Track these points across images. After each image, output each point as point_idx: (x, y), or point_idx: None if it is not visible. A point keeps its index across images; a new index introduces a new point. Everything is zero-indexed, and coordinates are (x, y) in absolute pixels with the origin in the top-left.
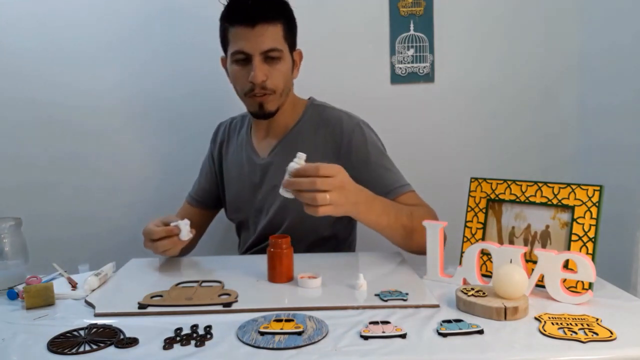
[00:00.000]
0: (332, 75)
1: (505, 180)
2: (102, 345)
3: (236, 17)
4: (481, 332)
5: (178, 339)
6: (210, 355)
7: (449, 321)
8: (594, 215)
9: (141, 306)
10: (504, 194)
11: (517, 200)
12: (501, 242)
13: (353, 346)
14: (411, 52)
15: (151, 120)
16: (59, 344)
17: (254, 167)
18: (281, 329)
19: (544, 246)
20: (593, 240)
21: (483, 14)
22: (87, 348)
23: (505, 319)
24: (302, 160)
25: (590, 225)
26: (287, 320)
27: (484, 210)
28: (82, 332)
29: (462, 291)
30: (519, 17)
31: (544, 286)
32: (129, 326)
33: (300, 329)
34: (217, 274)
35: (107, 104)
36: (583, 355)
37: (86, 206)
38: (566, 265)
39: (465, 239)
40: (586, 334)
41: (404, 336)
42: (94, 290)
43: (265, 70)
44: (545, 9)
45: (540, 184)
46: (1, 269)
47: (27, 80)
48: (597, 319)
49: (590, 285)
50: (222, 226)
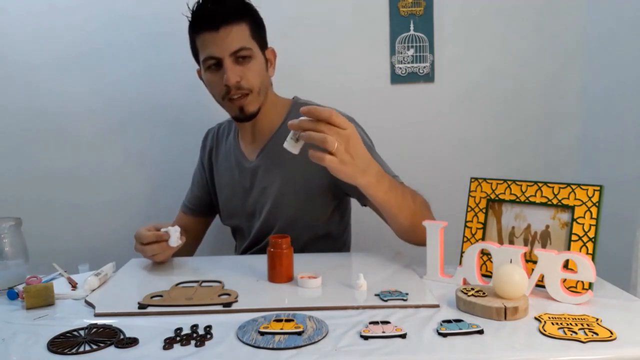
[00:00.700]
0: (332, 75)
1: (505, 180)
2: (102, 345)
3: (199, 24)
4: (481, 332)
5: (178, 339)
6: (210, 355)
7: (449, 321)
8: (594, 215)
9: (141, 306)
10: (504, 194)
11: (517, 200)
12: (501, 242)
13: (353, 346)
14: (411, 52)
15: (150, 121)
16: (59, 344)
17: (243, 171)
18: (281, 329)
19: (544, 246)
20: (593, 240)
21: (483, 14)
22: (87, 348)
23: (505, 319)
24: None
25: (590, 225)
26: (287, 320)
27: (484, 210)
28: (82, 332)
29: (462, 291)
30: (519, 17)
31: (544, 286)
32: (129, 326)
33: (300, 329)
34: (217, 274)
35: (106, 106)
36: (583, 355)
37: (86, 206)
38: (566, 265)
39: (465, 239)
40: (586, 334)
41: (404, 336)
42: (94, 290)
43: (238, 70)
44: (545, 11)
45: (540, 184)
46: (1, 269)
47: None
48: (597, 319)
49: (590, 285)
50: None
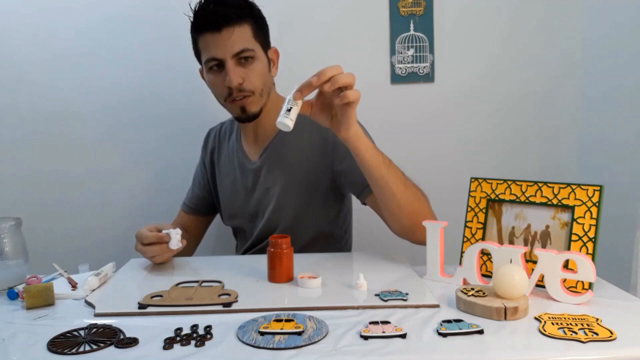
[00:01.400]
0: None
1: (505, 180)
2: (102, 345)
3: (202, 25)
4: (481, 332)
5: (178, 339)
6: (210, 355)
7: (449, 321)
8: (594, 215)
9: (141, 306)
10: (504, 194)
11: (517, 200)
12: (501, 242)
13: (353, 346)
14: (411, 52)
15: (149, 121)
16: (59, 344)
17: (246, 172)
18: (281, 329)
19: (544, 246)
20: (593, 240)
21: (483, 14)
22: (87, 348)
23: (505, 319)
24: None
25: (590, 225)
26: (287, 320)
27: (484, 210)
28: (82, 332)
29: (462, 291)
30: (519, 17)
31: (544, 286)
32: (129, 326)
33: (300, 329)
34: (217, 274)
35: (106, 107)
36: (583, 355)
37: (86, 206)
38: (566, 265)
39: (465, 239)
40: (586, 334)
41: (404, 336)
42: (94, 290)
43: (240, 72)
44: (545, 10)
45: (540, 184)
46: (1, 269)
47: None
48: (597, 319)
49: (590, 285)
50: (221, 227)
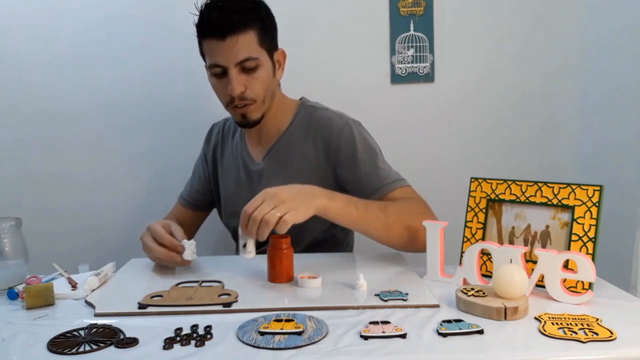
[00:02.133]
0: (332, 75)
1: (505, 180)
2: (102, 345)
3: (206, 30)
4: (481, 332)
5: (178, 339)
6: (210, 355)
7: (449, 321)
8: (594, 215)
9: (141, 306)
10: (504, 194)
11: (517, 200)
12: (501, 242)
13: (353, 346)
14: (411, 52)
15: (149, 121)
16: (59, 344)
17: (249, 173)
18: (281, 329)
19: (544, 246)
20: (593, 240)
21: (483, 14)
22: (87, 348)
23: (505, 319)
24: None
25: (590, 225)
26: (287, 320)
27: (484, 210)
28: (82, 332)
29: (462, 291)
30: (519, 17)
31: (544, 286)
32: (129, 326)
33: (300, 329)
34: (217, 274)
35: (105, 107)
36: (583, 355)
37: (86, 206)
38: (566, 265)
39: (465, 239)
40: (586, 334)
41: (404, 336)
42: (94, 290)
43: (243, 80)
44: (545, 9)
45: (540, 184)
46: (1, 269)
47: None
48: (597, 319)
49: (590, 285)
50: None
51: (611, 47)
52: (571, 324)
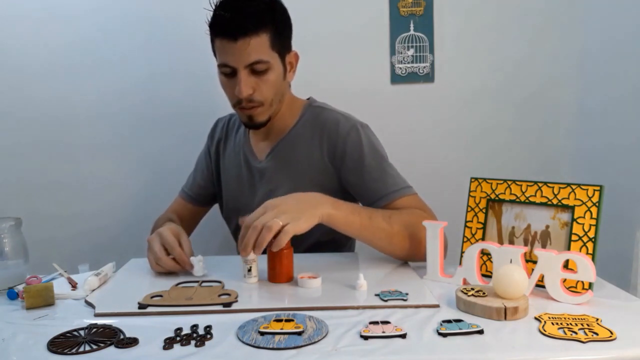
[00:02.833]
0: (332, 75)
1: (505, 180)
2: (102, 345)
3: (218, 30)
4: (481, 332)
5: (178, 339)
6: (210, 355)
7: (449, 321)
8: (594, 215)
9: (141, 306)
10: (504, 194)
11: (517, 200)
12: (501, 242)
13: (353, 346)
14: (411, 52)
15: (148, 123)
16: (59, 344)
17: (252, 170)
18: (281, 329)
19: (544, 246)
20: (593, 240)
21: (483, 14)
22: (87, 348)
23: (505, 319)
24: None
25: (590, 225)
26: (287, 320)
27: (484, 210)
28: (82, 332)
29: (462, 291)
30: (519, 17)
31: (544, 286)
32: (129, 326)
33: (300, 329)
34: (217, 274)
35: (102, 108)
36: (583, 355)
37: (86, 206)
38: (566, 265)
39: (465, 239)
40: (586, 334)
41: (404, 336)
42: (94, 290)
43: (252, 82)
44: (544, 9)
45: (540, 184)
46: (1, 269)
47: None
48: (597, 319)
49: (590, 285)
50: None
51: (611, 48)
52: (571, 324)
